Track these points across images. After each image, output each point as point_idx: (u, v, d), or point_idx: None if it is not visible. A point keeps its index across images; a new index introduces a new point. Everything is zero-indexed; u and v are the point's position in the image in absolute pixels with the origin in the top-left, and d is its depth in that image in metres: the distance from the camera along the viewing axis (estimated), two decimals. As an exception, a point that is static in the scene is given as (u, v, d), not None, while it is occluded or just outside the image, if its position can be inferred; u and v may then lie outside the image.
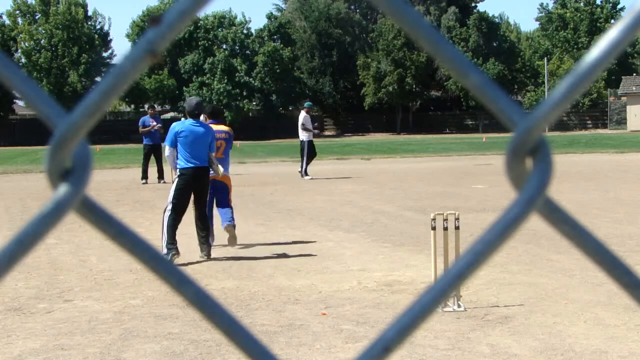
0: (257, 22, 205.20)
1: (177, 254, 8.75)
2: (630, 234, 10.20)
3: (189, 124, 9.17)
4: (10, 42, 65.49)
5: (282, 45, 67.94)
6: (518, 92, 71.64)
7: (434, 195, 15.47)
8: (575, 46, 71.57)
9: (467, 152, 32.64)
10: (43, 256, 9.29)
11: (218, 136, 9.72)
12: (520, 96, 70.90)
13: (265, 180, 20.09)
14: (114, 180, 20.91)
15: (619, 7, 73.64)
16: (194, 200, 9.12)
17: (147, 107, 24.75)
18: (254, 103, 70.15)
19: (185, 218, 9.11)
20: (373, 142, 50.98)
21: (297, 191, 17.14)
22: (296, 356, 5.34)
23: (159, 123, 20.30)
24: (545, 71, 65.82)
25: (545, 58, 68.42)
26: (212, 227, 9.47)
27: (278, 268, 8.50)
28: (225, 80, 66.25)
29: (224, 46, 69.05)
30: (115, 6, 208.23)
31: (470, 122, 71.22)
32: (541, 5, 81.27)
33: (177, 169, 9.11)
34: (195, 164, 9.00)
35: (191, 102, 9.37)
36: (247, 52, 68.88)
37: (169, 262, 0.59)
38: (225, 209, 9.68)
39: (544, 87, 65.43)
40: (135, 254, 0.58)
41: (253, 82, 66.98)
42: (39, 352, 5.57)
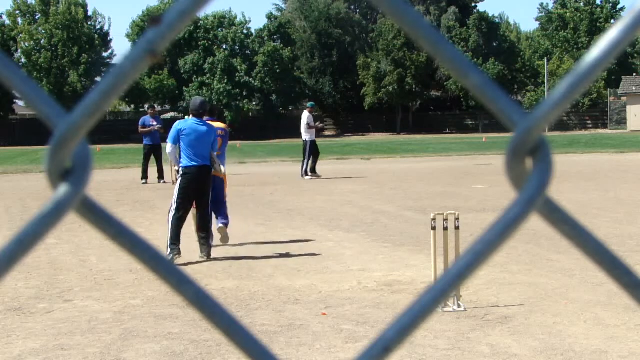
0: (257, 22, 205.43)
1: (178, 255, 8.78)
2: (630, 234, 10.20)
3: (192, 123, 9.19)
4: (10, 42, 65.50)
5: (282, 45, 67.95)
6: (518, 92, 71.64)
7: (434, 195, 15.47)
8: (575, 46, 71.57)
9: (467, 152, 32.64)
10: (43, 256, 9.30)
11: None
12: (520, 96, 70.90)
13: (265, 180, 20.09)
14: (114, 180, 20.91)
15: (619, 7, 73.64)
16: (196, 201, 9.14)
17: (147, 107, 24.71)
18: (254, 103, 70.17)
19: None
20: (373, 142, 50.98)
21: (297, 191, 17.14)
22: (296, 356, 5.34)
23: (159, 123, 20.27)
24: (545, 71, 65.81)
25: (545, 58, 68.41)
26: (212, 228, 9.49)
27: (278, 268, 8.51)
28: (225, 80, 66.25)
29: (224, 46, 69.05)
30: (115, 6, 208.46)
31: (470, 122, 71.23)
32: (541, 5, 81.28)
33: (180, 167, 9.14)
34: (198, 163, 9.04)
35: (195, 102, 9.41)
36: (247, 52, 68.90)
37: (169, 262, 0.59)
38: (220, 209, 9.72)
39: (544, 87, 65.43)
40: (135, 254, 0.58)
41: (253, 82, 67.00)
42: (39, 352, 5.57)
